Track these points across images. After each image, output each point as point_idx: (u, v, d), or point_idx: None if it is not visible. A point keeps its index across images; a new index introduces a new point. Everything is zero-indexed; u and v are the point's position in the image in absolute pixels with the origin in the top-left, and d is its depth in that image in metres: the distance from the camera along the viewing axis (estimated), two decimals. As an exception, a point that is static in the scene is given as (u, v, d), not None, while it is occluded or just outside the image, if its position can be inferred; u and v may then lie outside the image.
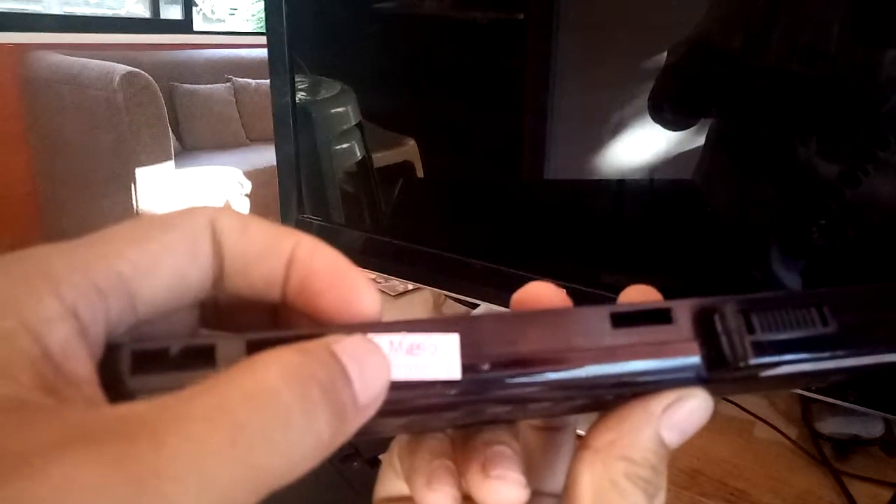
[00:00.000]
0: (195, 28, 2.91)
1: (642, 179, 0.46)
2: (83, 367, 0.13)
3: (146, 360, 0.15)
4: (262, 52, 0.58)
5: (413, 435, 0.22)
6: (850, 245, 0.40)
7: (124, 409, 0.12)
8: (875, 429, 0.48)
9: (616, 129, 0.45)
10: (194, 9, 2.91)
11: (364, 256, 0.57)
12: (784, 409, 0.52)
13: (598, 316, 0.17)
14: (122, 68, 1.97)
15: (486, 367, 0.16)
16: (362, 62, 0.56)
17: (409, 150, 0.56)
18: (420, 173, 0.56)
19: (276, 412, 0.12)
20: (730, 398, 0.53)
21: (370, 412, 0.14)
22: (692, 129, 0.43)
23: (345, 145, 0.60)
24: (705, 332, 0.17)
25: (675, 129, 0.44)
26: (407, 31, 0.53)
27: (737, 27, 0.41)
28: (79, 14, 2.71)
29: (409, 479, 0.21)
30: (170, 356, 0.15)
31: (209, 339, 0.15)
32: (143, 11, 2.84)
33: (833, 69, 0.38)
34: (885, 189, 0.39)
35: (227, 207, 0.17)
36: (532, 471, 0.23)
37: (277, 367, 0.13)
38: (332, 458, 0.45)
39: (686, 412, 0.18)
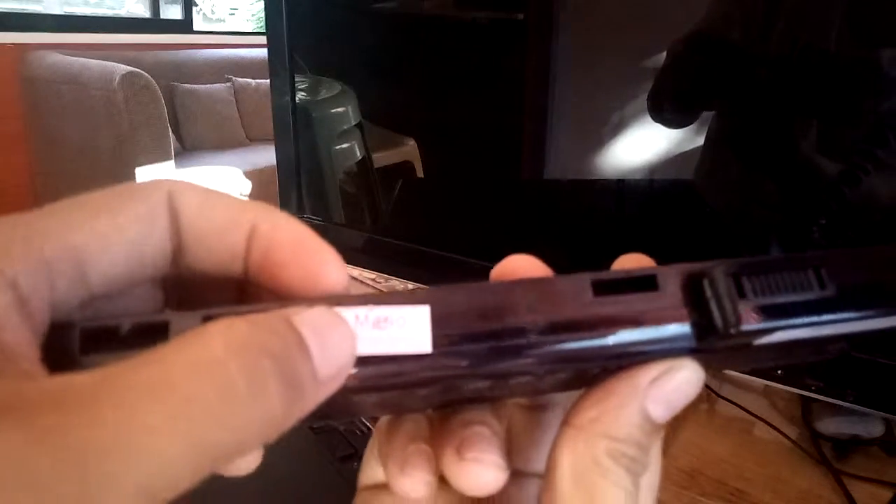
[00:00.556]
0: (195, 28, 2.91)
1: (642, 179, 0.46)
2: (21, 338, 0.13)
3: (96, 338, 0.14)
4: (263, 52, 0.58)
5: (392, 418, 0.21)
6: (850, 245, 0.40)
7: (61, 380, 0.11)
8: (875, 429, 0.48)
9: (616, 128, 0.45)
10: (194, 9, 2.91)
11: (364, 256, 0.57)
12: (784, 409, 0.52)
13: (578, 284, 0.16)
14: (123, 68, 1.97)
15: (458, 339, 0.15)
16: (362, 62, 0.56)
17: (409, 150, 0.56)
18: (420, 173, 0.55)
19: (221, 384, 0.11)
20: (729, 398, 0.53)
21: (333, 386, 0.14)
22: (692, 128, 0.43)
23: (345, 145, 0.60)
24: (694, 298, 0.16)
25: (674, 127, 0.44)
26: (407, 31, 0.53)
27: (738, 23, 0.41)
28: (79, 14, 2.70)
29: (384, 465, 0.20)
30: (121, 333, 0.14)
31: (163, 315, 0.14)
32: (143, 11, 2.83)
33: (833, 67, 0.38)
34: (885, 189, 0.39)
35: (188, 181, 0.16)
36: (518, 451, 0.23)
37: (223, 336, 0.12)
38: (332, 458, 0.45)
39: (674, 385, 0.17)
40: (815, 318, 0.16)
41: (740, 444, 0.49)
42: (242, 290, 0.18)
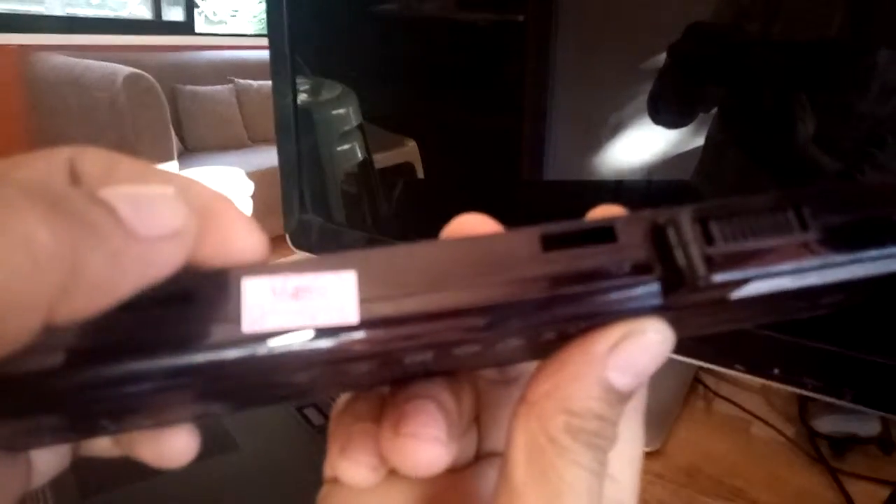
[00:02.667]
0: (197, 30, 2.91)
1: (641, 180, 0.46)
2: None
3: None
4: (264, 54, 0.58)
5: (348, 397, 0.19)
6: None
7: None
8: (872, 427, 0.48)
9: (615, 129, 0.45)
10: (196, 10, 2.91)
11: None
12: (781, 408, 0.53)
13: (524, 239, 0.14)
14: (126, 70, 1.97)
15: (388, 306, 0.13)
16: (363, 64, 0.56)
17: (409, 151, 0.56)
18: (421, 174, 0.56)
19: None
20: (726, 397, 0.54)
21: (174, 248, 0.12)
22: (691, 129, 0.44)
23: (346, 146, 0.60)
24: (658, 248, 0.14)
25: (673, 128, 0.44)
26: (407, 32, 0.53)
27: (738, 18, 0.41)
28: (81, 15, 2.71)
29: (328, 448, 0.18)
30: None
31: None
32: (146, 13, 2.84)
33: (831, 68, 0.38)
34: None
35: (93, 148, 0.15)
36: (489, 431, 0.21)
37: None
38: (311, 428, 0.44)
39: (637, 350, 0.15)
40: (797, 265, 0.14)
41: (738, 443, 0.49)
42: None
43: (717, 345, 0.43)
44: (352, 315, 0.13)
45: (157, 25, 2.82)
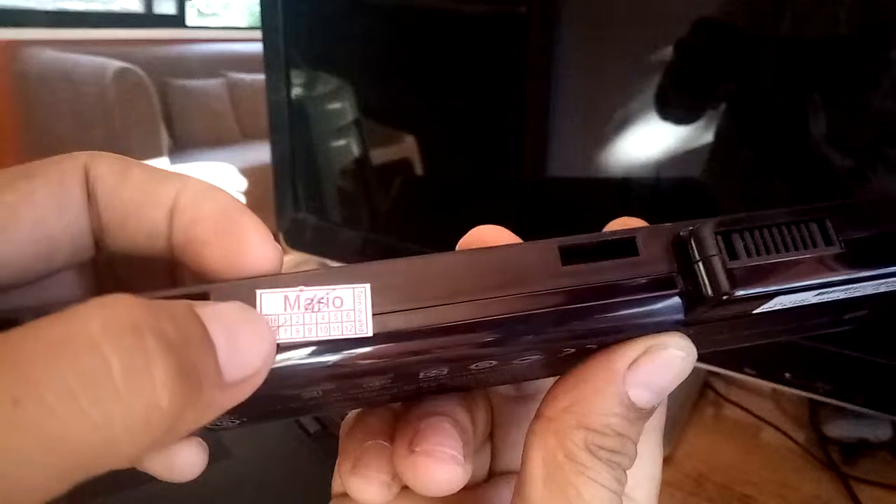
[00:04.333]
0: (189, 23, 2.89)
1: (648, 178, 0.45)
2: None
3: None
4: (257, 47, 0.56)
5: (358, 413, 0.19)
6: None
7: None
8: (883, 432, 0.48)
9: (621, 125, 0.44)
10: (188, 3, 2.89)
11: (362, 256, 0.56)
12: (792, 413, 0.52)
13: (544, 251, 0.14)
14: (115, 64, 1.96)
15: (403, 319, 0.13)
16: (360, 57, 0.55)
17: (407, 147, 0.55)
18: (419, 171, 0.55)
19: (87, 368, 0.09)
20: (736, 402, 0.53)
21: (246, 390, 0.12)
22: (700, 125, 0.42)
23: (342, 142, 0.59)
24: (680, 262, 0.14)
25: (682, 123, 0.43)
26: (406, 24, 0.52)
27: (746, 10, 0.40)
28: (71, 10, 2.68)
29: (339, 464, 0.18)
30: None
31: (22, 311, 0.12)
32: (137, 6, 2.82)
33: (843, 65, 0.37)
34: (893, 188, 0.38)
35: (105, 153, 0.15)
36: (504, 448, 0.21)
37: (102, 313, 0.09)
38: (307, 435, 0.43)
39: (658, 366, 0.15)
40: (821, 280, 0.13)
41: (747, 449, 0.48)
42: (174, 275, 0.16)
43: (727, 349, 0.42)
44: (366, 328, 0.13)
45: (148, 19, 2.80)
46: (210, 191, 0.15)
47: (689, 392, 0.52)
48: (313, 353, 0.13)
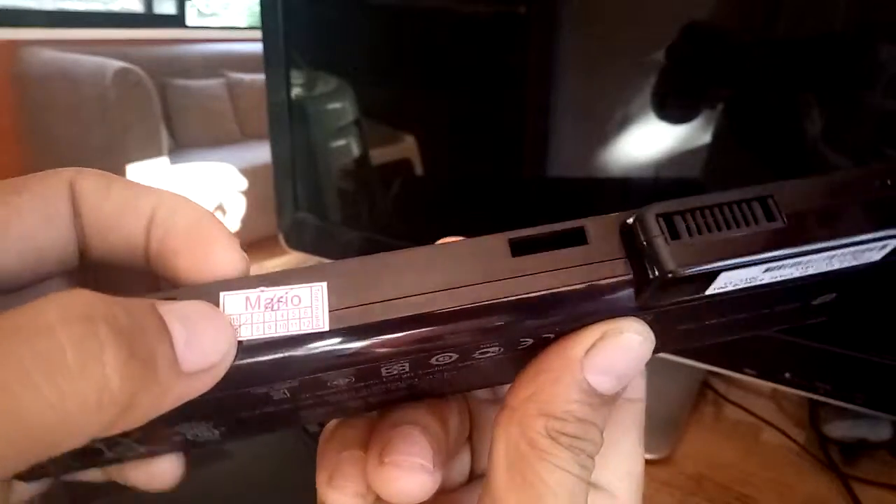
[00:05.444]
0: (189, 23, 2.89)
1: (648, 177, 0.45)
2: None
3: None
4: (257, 47, 0.56)
5: (336, 424, 0.19)
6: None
7: None
8: (883, 432, 0.48)
9: (621, 125, 0.44)
10: (188, 3, 2.89)
11: (361, 256, 0.56)
12: (792, 413, 0.52)
13: (493, 245, 0.14)
14: (115, 64, 1.96)
15: (358, 314, 0.14)
16: (360, 57, 0.55)
17: (407, 146, 0.55)
18: (419, 171, 0.54)
19: (43, 352, 0.10)
20: (736, 402, 0.53)
21: (206, 380, 0.13)
22: (700, 125, 0.42)
23: (342, 142, 0.59)
24: (627, 248, 0.14)
25: (679, 123, 0.43)
26: (406, 24, 0.52)
27: (741, 10, 0.40)
28: (71, 10, 2.68)
29: (316, 476, 0.18)
30: None
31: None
32: (137, 6, 2.81)
33: (840, 64, 0.37)
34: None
35: (89, 169, 0.16)
36: (478, 449, 0.21)
37: (61, 303, 0.10)
38: (305, 431, 0.43)
39: (615, 350, 0.15)
40: (762, 255, 0.14)
41: (747, 449, 0.48)
42: (153, 285, 0.17)
43: (726, 349, 0.42)
44: (323, 323, 0.14)
45: (148, 19, 2.80)
46: (184, 204, 0.16)
47: (689, 392, 0.52)
48: (273, 349, 0.13)
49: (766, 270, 0.14)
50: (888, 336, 0.38)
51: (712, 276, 0.14)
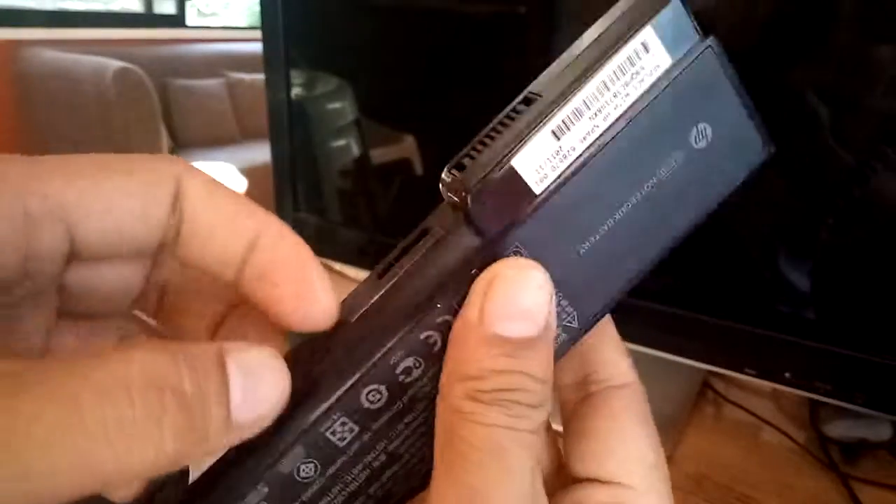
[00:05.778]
0: (189, 23, 2.89)
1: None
2: None
3: None
4: (257, 47, 0.56)
5: None
6: (859, 245, 0.39)
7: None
8: (883, 432, 0.48)
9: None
10: (188, 3, 2.89)
11: (361, 256, 0.56)
12: (792, 413, 0.52)
13: (367, 279, 0.16)
14: (115, 64, 1.96)
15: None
16: (360, 57, 0.55)
17: (407, 147, 0.55)
18: (419, 171, 0.54)
19: (118, 409, 0.11)
20: (736, 402, 0.52)
21: (251, 431, 0.14)
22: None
23: (341, 142, 0.59)
24: (453, 208, 0.15)
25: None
26: (406, 25, 0.52)
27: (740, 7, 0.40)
28: (71, 10, 2.68)
29: None
30: None
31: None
32: (137, 6, 2.81)
33: (840, 65, 0.37)
34: (894, 187, 0.38)
35: (198, 169, 0.16)
36: None
37: (143, 361, 0.12)
38: None
39: (504, 292, 0.15)
40: (531, 127, 0.15)
41: (747, 449, 0.48)
42: (226, 288, 0.18)
43: (727, 348, 0.42)
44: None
45: (148, 19, 2.80)
46: (288, 236, 0.16)
47: (689, 392, 0.52)
48: None
49: (556, 138, 0.15)
50: (888, 336, 0.38)
51: (510, 172, 0.14)
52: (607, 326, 0.19)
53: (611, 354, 0.19)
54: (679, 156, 0.15)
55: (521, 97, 0.16)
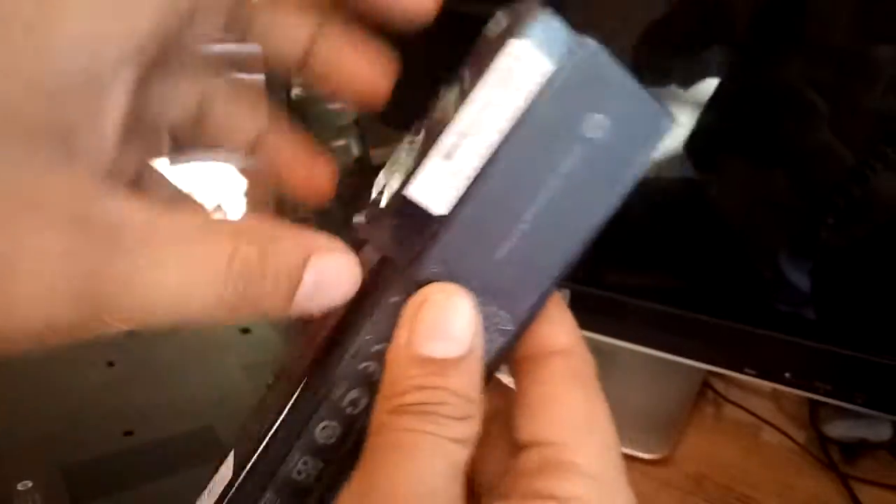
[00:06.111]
0: (189, 22, 2.89)
1: (646, 176, 0.45)
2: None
3: None
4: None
5: None
6: (859, 245, 0.39)
7: (112, 205, 0.14)
8: (883, 432, 0.48)
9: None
10: (188, 3, 2.89)
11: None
12: (792, 413, 0.52)
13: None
14: (115, 63, 1.95)
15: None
16: (360, 57, 0.55)
17: (407, 147, 0.55)
18: (419, 171, 0.54)
19: (194, 255, 0.14)
20: (736, 402, 0.52)
21: (310, 310, 0.15)
22: (698, 126, 0.42)
23: (342, 142, 0.59)
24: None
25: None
26: (405, 24, 0.52)
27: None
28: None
29: None
30: None
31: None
32: (136, 6, 2.81)
33: (841, 65, 0.37)
34: (893, 187, 0.38)
35: None
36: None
37: (236, 229, 0.15)
38: None
39: (424, 316, 0.15)
40: (424, 154, 0.16)
41: (747, 449, 0.48)
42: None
43: (727, 348, 0.42)
44: None
45: (147, 19, 2.80)
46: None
47: (689, 392, 0.52)
48: None
49: (448, 160, 0.15)
50: (888, 336, 0.38)
51: (407, 202, 0.15)
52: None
53: (546, 326, 0.18)
54: (577, 149, 0.16)
55: (417, 125, 0.18)
